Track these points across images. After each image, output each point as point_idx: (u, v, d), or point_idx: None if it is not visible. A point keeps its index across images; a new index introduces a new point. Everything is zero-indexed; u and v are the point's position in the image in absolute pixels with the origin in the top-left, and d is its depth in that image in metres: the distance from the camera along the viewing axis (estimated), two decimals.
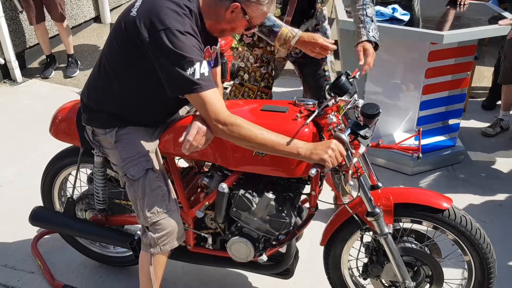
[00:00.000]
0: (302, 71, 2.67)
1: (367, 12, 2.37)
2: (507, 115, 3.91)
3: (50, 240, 2.66)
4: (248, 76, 2.67)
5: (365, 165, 1.91)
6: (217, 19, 1.71)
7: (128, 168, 1.84)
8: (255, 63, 2.61)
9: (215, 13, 1.70)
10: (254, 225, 1.91)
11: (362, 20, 2.35)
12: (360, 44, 2.32)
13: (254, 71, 2.63)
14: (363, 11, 2.36)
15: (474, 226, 1.87)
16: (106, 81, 1.82)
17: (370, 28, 2.33)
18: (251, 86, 2.67)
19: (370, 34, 2.31)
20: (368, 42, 2.31)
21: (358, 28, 2.36)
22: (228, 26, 1.73)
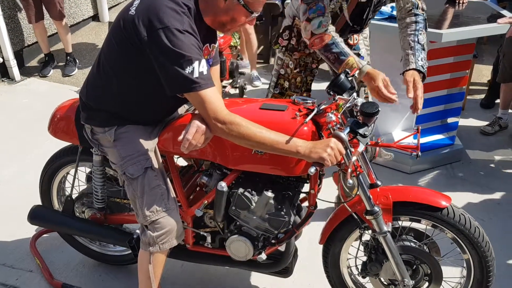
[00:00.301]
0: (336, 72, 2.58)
1: (419, 38, 2.19)
2: (506, 114, 3.91)
3: (49, 239, 2.66)
4: (289, 84, 2.57)
5: (364, 163, 1.91)
6: (215, 12, 1.70)
7: (127, 166, 1.84)
8: (295, 69, 2.52)
9: (211, 6, 1.69)
10: (253, 224, 1.91)
11: (412, 47, 2.17)
12: (407, 73, 2.12)
13: (294, 77, 2.55)
14: (415, 37, 2.19)
15: (473, 224, 1.87)
16: (105, 79, 1.81)
17: (420, 57, 2.15)
18: (291, 94, 2.58)
19: (419, 63, 2.13)
20: (416, 71, 2.12)
21: (407, 55, 2.17)
22: (227, 18, 1.71)
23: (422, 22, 2.22)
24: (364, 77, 2.06)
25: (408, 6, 2.22)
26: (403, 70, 2.14)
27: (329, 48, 2.07)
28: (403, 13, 2.24)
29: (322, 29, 2.08)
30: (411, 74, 2.10)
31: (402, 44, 2.22)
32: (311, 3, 2.08)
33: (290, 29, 2.45)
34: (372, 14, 2.35)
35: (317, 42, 2.09)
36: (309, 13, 2.08)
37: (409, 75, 2.10)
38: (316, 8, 2.08)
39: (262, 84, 4.86)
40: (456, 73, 3.28)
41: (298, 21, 2.38)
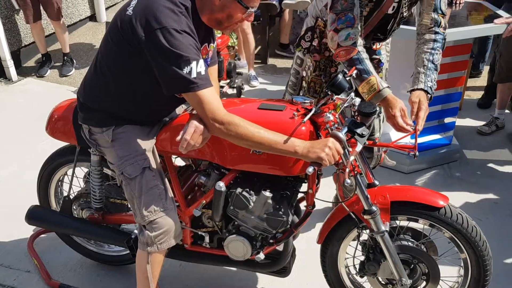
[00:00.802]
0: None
1: (434, 58, 2.13)
2: (503, 114, 3.92)
3: (46, 239, 2.66)
4: (307, 86, 2.51)
5: (362, 163, 1.92)
6: (211, 10, 1.70)
7: (125, 166, 1.84)
8: (314, 71, 2.45)
9: (207, 4, 1.69)
10: (251, 224, 1.91)
11: (426, 65, 2.11)
12: (414, 93, 2.06)
13: (313, 81, 2.48)
14: (431, 56, 2.13)
15: (471, 224, 1.88)
16: (103, 79, 1.81)
17: (431, 77, 2.10)
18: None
19: (429, 83, 2.08)
20: (424, 92, 2.06)
21: (418, 73, 2.12)
22: (223, 15, 1.70)
23: (441, 41, 2.17)
24: (381, 101, 1.99)
25: (430, 23, 2.15)
26: (411, 87, 2.09)
27: (353, 63, 2.00)
28: (423, 29, 2.17)
29: (350, 41, 2.01)
30: (417, 95, 2.04)
31: (416, 60, 2.16)
32: (340, 13, 2.01)
33: (312, 30, 2.40)
34: (396, 26, 2.31)
35: (342, 54, 2.04)
36: (338, 23, 2.02)
37: (415, 96, 2.05)
38: (345, 19, 2.01)
39: (259, 84, 4.87)
40: (453, 73, 3.29)
41: (320, 22, 2.35)
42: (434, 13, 2.14)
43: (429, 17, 2.15)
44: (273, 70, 5.24)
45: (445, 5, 2.18)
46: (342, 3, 2.01)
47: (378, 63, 2.45)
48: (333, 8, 2.03)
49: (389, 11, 2.19)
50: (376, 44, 2.41)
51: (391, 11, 2.20)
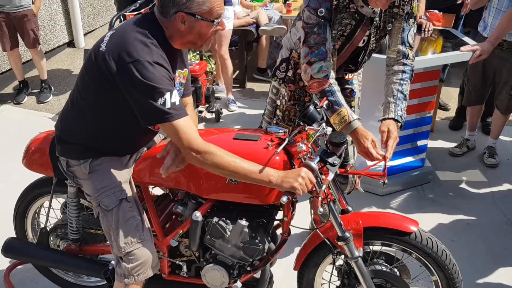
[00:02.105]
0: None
1: (403, 88, 2.23)
2: (473, 135, 4.05)
3: (23, 271, 2.62)
4: (282, 115, 2.57)
5: (335, 190, 1.98)
6: (180, 36, 1.74)
7: (102, 198, 1.86)
8: (289, 101, 2.51)
9: (175, 32, 1.73)
10: (228, 252, 1.94)
11: (395, 95, 2.20)
12: (384, 122, 2.17)
13: (288, 110, 2.54)
14: (400, 86, 2.22)
15: (440, 247, 1.94)
16: (79, 114, 1.84)
17: (400, 107, 2.19)
18: (284, 126, 2.56)
19: (399, 113, 2.18)
20: (394, 121, 2.16)
21: (388, 103, 2.21)
22: (193, 36, 1.73)
23: (409, 72, 2.27)
24: (351, 133, 2.07)
25: (398, 55, 2.25)
26: (382, 117, 2.20)
27: (325, 95, 2.08)
28: (392, 60, 2.28)
29: (322, 74, 2.09)
30: (386, 124, 2.15)
31: (386, 90, 2.26)
32: (313, 47, 2.08)
33: (287, 61, 2.47)
34: (367, 57, 2.41)
35: (315, 86, 2.11)
36: (311, 56, 2.10)
37: (384, 125, 2.15)
38: (318, 53, 2.09)
39: (238, 108, 4.93)
40: (423, 98, 3.40)
41: (295, 54, 2.42)
42: (402, 46, 2.25)
43: (396, 50, 2.26)
44: (252, 94, 5.32)
45: (412, 38, 2.28)
46: (315, 38, 2.09)
47: (351, 93, 2.55)
48: (306, 42, 2.11)
49: (359, 44, 2.29)
50: (348, 75, 2.50)
51: (361, 44, 2.29)
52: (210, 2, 1.67)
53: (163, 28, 1.73)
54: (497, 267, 2.77)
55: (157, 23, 1.73)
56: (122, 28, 1.72)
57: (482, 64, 3.57)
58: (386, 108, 2.22)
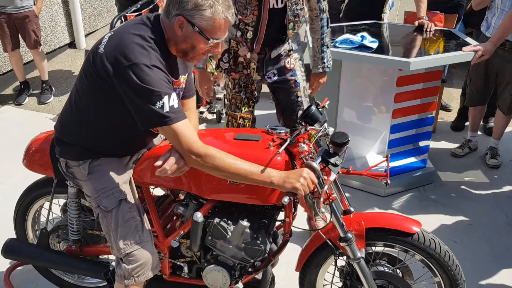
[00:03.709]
0: (276, 95, 2.73)
1: (325, 41, 2.64)
2: (475, 136, 4.03)
3: (23, 272, 2.61)
4: (229, 103, 2.71)
5: (337, 190, 1.96)
6: (175, 41, 1.71)
7: (101, 199, 1.85)
8: (234, 89, 2.66)
9: (172, 36, 1.71)
10: (229, 253, 1.93)
11: (320, 50, 2.64)
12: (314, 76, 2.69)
13: (234, 97, 2.68)
14: (322, 41, 2.62)
15: (443, 248, 1.93)
16: (78, 115, 1.84)
17: (326, 58, 2.66)
18: (232, 114, 2.71)
19: (325, 64, 2.66)
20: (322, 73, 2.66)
21: (317, 58, 2.67)
22: (187, 46, 1.70)
23: (325, 24, 2.62)
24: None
25: (316, 12, 2.58)
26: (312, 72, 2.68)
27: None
28: (313, 16, 2.60)
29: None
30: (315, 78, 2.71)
31: (312, 45, 2.69)
32: None
33: (228, 51, 2.60)
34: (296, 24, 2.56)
35: None
36: None
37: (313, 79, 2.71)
38: None
39: None
40: (425, 98, 3.39)
41: (233, 43, 2.56)
42: (318, 3, 2.56)
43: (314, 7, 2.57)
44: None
45: None
46: None
47: (295, 83, 2.66)
48: None
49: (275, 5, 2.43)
50: (290, 62, 2.61)
51: (279, 5, 2.44)
52: (214, 22, 1.65)
53: (163, 31, 1.72)
54: (499, 268, 2.75)
55: (157, 26, 1.71)
56: (121, 30, 1.71)
57: (485, 64, 3.55)
58: (314, 62, 2.69)
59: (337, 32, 3.57)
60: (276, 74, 2.62)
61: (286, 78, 2.62)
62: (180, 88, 1.90)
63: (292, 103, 2.68)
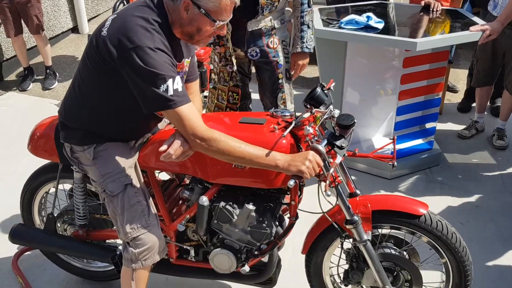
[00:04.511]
0: (259, 75, 2.76)
1: (305, 20, 2.64)
2: (482, 117, 3.99)
3: (31, 257, 2.64)
4: (218, 77, 2.73)
5: (343, 173, 1.95)
6: (181, 24, 1.69)
7: (107, 184, 1.84)
8: (220, 62, 2.68)
9: (177, 18, 1.69)
10: (235, 237, 1.93)
11: (299, 29, 2.64)
12: (292, 56, 2.70)
13: (221, 71, 2.70)
14: (302, 19, 2.64)
15: (450, 230, 1.92)
16: (82, 99, 1.82)
17: (305, 38, 2.65)
18: (222, 87, 2.75)
19: (305, 44, 2.66)
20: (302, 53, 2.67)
21: (296, 37, 2.67)
22: (193, 28, 1.68)
23: (306, 1, 2.63)
24: None
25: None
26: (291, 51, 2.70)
27: None
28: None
29: None
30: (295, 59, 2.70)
31: (293, 24, 2.68)
32: None
33: None
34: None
35: None
36: None
37: (293, 60, 2.71)
38: None
39: None
40: (432, 80, 3.35)
41: None
42: None
43: None
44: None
45: None
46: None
47: (277, 65, 2.66)
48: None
49: None
50: (274, 41, 2.63)
51: None
52: (220, 4, 1.63)
53: (167, 13, 1.69)
54: (506, 249, 2.74)
55: (161, 9, 1.69)
56: (124, 13, 1.68)
57: (492, 44, 3.50)
58: (294, 42, 2.68)
59: (342, 13, 3.52)
60: (259, 53, 2.63)
61: (269, 58, 2.65)
62: (184, 72, 1.88)
63: (273, 85, 2.72)
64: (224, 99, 2.76)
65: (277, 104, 2.74)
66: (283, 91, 2.71)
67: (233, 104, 2.78)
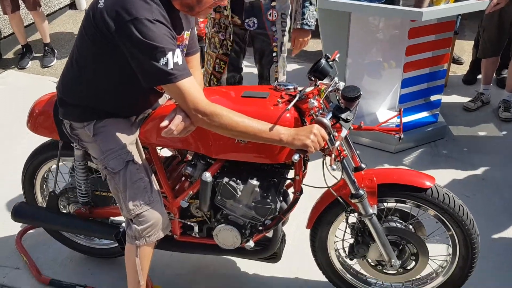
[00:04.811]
0: (254, 44, 2.73)
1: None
2: (488, 89, 3.93)
3: (35, 235, 2.63)
4: (209, 42, 2.72)
5: (348, 147, 1.91)
6: None
7: (108, 161, 1.81)
8: (213, 28, 2.65)
9: None
10: (239, 212, 1.91)
11: (301, 4, 2.57)
12: (293, 32, 2.65)
13: (213, 37, 2.68)
14: None
15: (457, 203, 1.89)
16: (79, 74, 1.78)
17: (307, 14, 2.58)
18: (210, 53, 2.73)
19: (305, 21, 2.59)
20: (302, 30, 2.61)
21: (297, 13, 2.61)
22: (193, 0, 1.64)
23: None
24: None
25: None
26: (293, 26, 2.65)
27: None
28: None
29: None
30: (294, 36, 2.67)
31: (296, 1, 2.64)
32: None
33: None
34: None
35: None
36: None
37: (293, 35, 2.67)
38: None
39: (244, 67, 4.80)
40: (437, 51, 3.28)
41: None
42: None
43: None
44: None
45: None
46: None
47: (273, 38, 2.62)
48: None
49: None
50: (273, 14, 2.58)
51: None
52: None
53: None
54: None
55: None
56: None
57: (499, 13, 3.42)
58: (295, 17, 2.63)
59: None
60: (256, 24, 2.58)
61: (266, 31, 2.60)
62: (184, 45, 1.83)
63: (267, 56, 2.69)
64: (210, 65, 2.75)
65: (270, 75, 2.73)
66: (276, 63, 2.69)
67: (217, 72, 2.77)
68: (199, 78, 2.00)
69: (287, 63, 2.83)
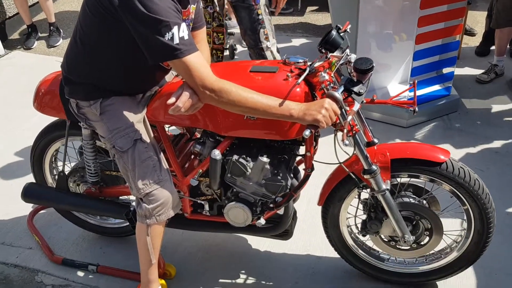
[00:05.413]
0: (237, 14, 2.71)
1: None
2: (502, 61, 3.84)
3: (46, 215, 2.64)
4: None
5: (360, 122, 1.87)
6: None
7: (116, 139, 1.79)
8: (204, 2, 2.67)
9: None
10: (250, 190, 1.88)
11: None
12: None
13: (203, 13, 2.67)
14: None
15: (473, 177, 1.85)
16: (84, 51, 1.73)
17: None
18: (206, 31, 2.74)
19: None
20: None
21: None
22: None
23: None
24: None
25: None
26: None
27: None
28: None
29: None
30: None
31: None
32: None
33: None
34: None
35: None
36: None
37: None
38: None
39: None
40: (450, 21, 3.19)
41: None
42: None
43: None
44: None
45: None
46: None
47: (255, 1, 2.61)
48: None
49: None
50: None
51: None
52: None
53: None
54: None
55: None
56: None
57: None
58: None
59: None
60: None
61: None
62: (190, 19, 1.78)
63: (253, 22, 2.66)
64: (209, 41, 2.72)
65: (260, 40, 2.69)
66: (264, 26, 2.66)
67: (219, 45, 2.76)
68: (206, 54, 1.95)
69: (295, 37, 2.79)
